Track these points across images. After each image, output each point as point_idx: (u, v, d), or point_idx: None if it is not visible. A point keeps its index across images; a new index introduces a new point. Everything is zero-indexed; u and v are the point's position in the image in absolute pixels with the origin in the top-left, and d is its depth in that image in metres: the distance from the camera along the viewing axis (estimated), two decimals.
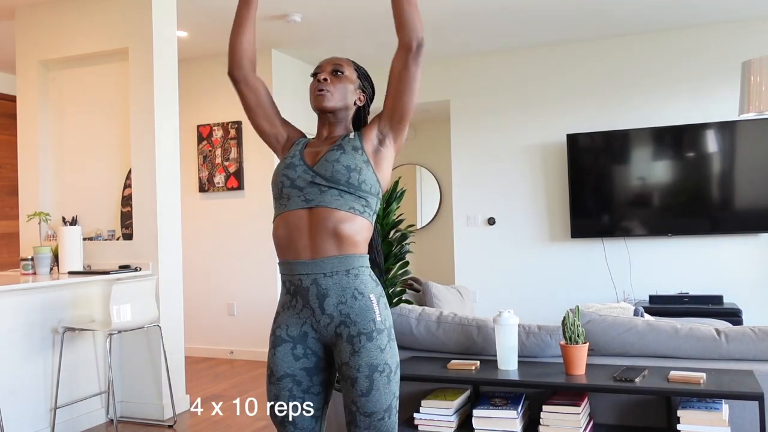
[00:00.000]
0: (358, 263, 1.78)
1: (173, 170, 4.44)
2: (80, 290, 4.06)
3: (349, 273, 1.76)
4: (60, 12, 4.61)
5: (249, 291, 6.05)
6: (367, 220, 1.81)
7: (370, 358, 1.72)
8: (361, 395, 1.72)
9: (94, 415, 4.14)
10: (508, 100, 6.33)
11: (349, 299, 1.75)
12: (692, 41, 5.72)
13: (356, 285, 1.76)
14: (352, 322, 1.75)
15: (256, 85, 1.93)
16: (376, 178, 1.82)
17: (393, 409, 1.76)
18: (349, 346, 1.74)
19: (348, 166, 1.77)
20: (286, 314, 1.82)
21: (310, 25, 5.32)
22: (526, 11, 5.17)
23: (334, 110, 1.88)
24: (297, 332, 1.80)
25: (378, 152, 1.85)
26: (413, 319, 2.94)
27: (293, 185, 1.80)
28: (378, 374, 1.72)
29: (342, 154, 1.79)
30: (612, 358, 2.67)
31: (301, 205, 1.78)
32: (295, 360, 1.80)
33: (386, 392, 1.74)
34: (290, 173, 1.82)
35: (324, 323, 1.77)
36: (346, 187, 1.76)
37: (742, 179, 5.44)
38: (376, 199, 1.84)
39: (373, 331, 1.74)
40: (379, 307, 1.77)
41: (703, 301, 5.36)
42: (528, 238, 6.24)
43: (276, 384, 1.81)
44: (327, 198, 1.76)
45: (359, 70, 1.96)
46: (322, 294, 1.75)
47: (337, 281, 1.75)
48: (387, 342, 1.76)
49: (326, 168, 1.78)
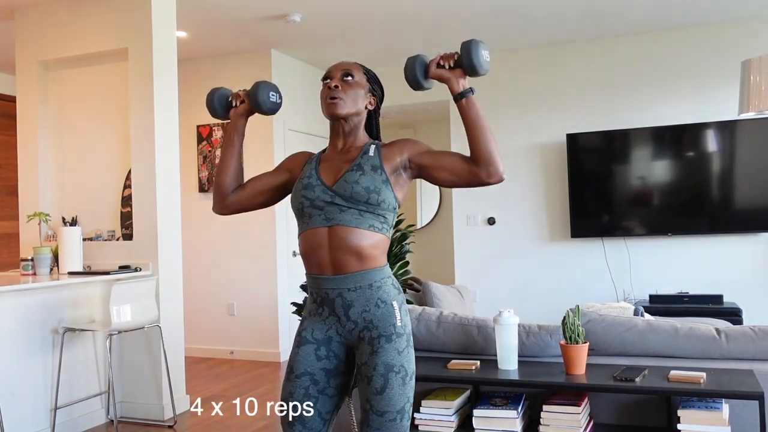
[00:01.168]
0: (380, 276, 1.83)
1: (173, 170, 4.44)
2: (80, 290, 4.06)
3: (372, 287, 1.82)
4: (60, 12, 4.61)
5: (249, 291, 6.05)
6: (386, 235, 1.86)
7: (387, 358, 1.78)
8: (375, 393, 1.76)
9: (94, 415, 4.14)
10: (508, 100, 6.33)
11: (373, 308, 1.82)
12: (692, 41, 5.72)
13: (379, 295, 1.82)
14: (374, 326, 1.81)
15: (251, 194, 2.00)
16: (394, 195, 1.85)
17: (406, 412, 1.79)
18: (369, 347, 1.80)
19: (367, 187, 1.80)
20: (313, 320, 1.89)
21: (310, 25, 5.32)
22: (526, 11, 5.17)
23: (347, 116, 1.90)
24: (322, 336, 1.87)
25: (398, 175, 1.88)
26: (413, 319, 2.94)
27: (313, 205, 1.84)
28: (393, 374, 1.77)
29: (362, 176, 1.82)
30: (612, 358, 2.67)
31: (323, 223, 1.82)
32: (317, 360, 1.85)
33: (400, 393, 1.77)
34: (309, 194, 1.85)
35: (349, 328, 1.84)
36: (365, 207, 1.80)
37: (742, 179, 5.44)
38: (393, 214, 1.88)
39: (392, 334, 1.81)
40: (400, 313, 1.84)
41: (703, 301, 5.36)
42: (528, 238, 6.24)
43: (294, 381, 1.86)
44: (347, 217, 1.80)
45: (368, 73, 1.97)
46: (347, 305, 1.82)
47: (361, 294, 1.81)
48: (405, 346, 1.82)
49: (345, 189, 1.81)
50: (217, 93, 2.05)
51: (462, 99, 1.81)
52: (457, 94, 1.81)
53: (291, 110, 6.25)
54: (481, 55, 1.80)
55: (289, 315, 6.10)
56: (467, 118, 1.81)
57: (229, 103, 2.05)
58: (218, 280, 6.18)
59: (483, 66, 1.81)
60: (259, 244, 6.00)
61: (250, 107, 2.00)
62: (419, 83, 1.87)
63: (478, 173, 1.80)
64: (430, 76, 1.85)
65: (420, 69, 1.86)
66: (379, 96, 1.99)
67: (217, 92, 2.05)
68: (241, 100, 2.02)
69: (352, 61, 4.43)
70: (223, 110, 2.06)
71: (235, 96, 2.03)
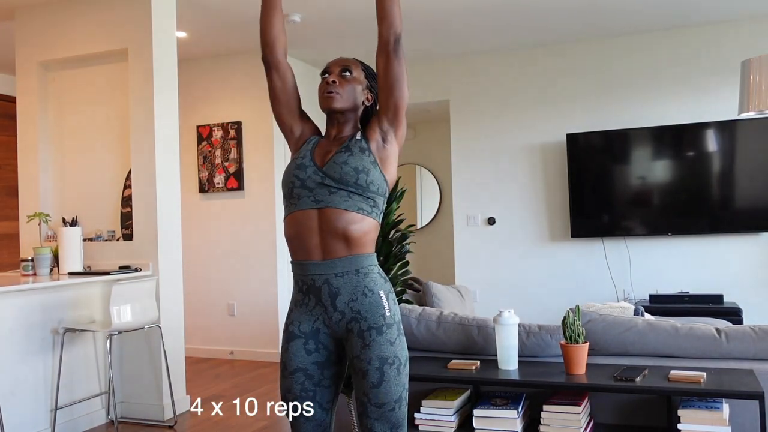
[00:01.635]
0: (367, 263, 1.84)
1: (173, 170, 4.44)
2: (80, 291, 4.06)
3: (359, 272, 1.82)
4: (60, 12, 4.61)
5: (249, 291, 6.05)
6: (375, 220, 1.86)
7: (380, 351, 1.79)
8: (372, 387, 1.78)
9: (95, 415, 4.14)
10: (508, 100, 6.33)
11: (360, 296, 1.81)
12: (692, 41, 5.72)
13: (366, 283, 1.82)
14: (363, 317, 1.81)
15: (285, 72, 1.96)
16: (383, 177, 1.86)
17: (403, 400, 1.82)
18: (360, 340, 1.80)
19: (356, 167, 1.81)
20: (299, 311, 1.88)
21: (310, 25, 5.32)
22: (526, 11, 5.17)
23: (342, 111, 1.91)
24: (309, 328, 1.86)
25: (383, 150, 1.89)
26: (413, 319, 2.94)
27: (303, 186, 1.84)
28: (388, 366, 1.78)
29: (350, 156, 1.83)
30: (612, 358, 2.67)
31: (311, 205, 1.83)
32: (307, 354, 1.86)
33: (396, 384, 1.79)
34: (301, 174, 1.86)
35: (336, 319, 1.83)
36: (354, 188, 1.81)
37: (742, 178, 5.44)
38: (383, 198, 1.88)
39: (383, 325, 1.81)
40: (388, 302, 1.84)
41: (703, 301, 5.36)
42: (528, 238, 6.24)
43: (288, 378, 1.87)
44: (336, 199, 1.80)
45: (367, 70, 1.98)
46: (333, 293, 1.81)
47: (348, 281, 1.81)
48: (396, 336, 1.83)
49: (335, 170, 1.82)
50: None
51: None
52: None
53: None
54: None
55: None
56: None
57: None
58: (218, 280, 6.18)
59: None
60: (259, 244, 6.00)
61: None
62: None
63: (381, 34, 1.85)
64: None
65: None
66: (376, 93, 1.99)
67: None
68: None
69: (351, 57, 4.43)
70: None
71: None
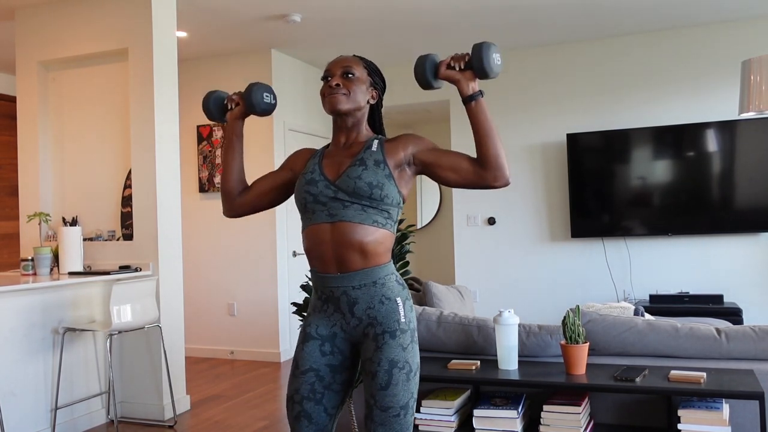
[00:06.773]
0: (384, 273, 1.84)
1: (173, 170, 4.44)
2: (80, 291, 4.06)
3: (376, 284, 1.82)
4: (60, 12, 4.61)
5: (249, 291, 6.05)
6: (390, 230, 1.85)
7: (391, 354, 1.78)
8: (379, 389, 1.76)
9: (95, 415, 4.14)
10: (508, 100, 6.33)
11: (377, 304, 1.82)
12: (692, 41, 5.72)
13: (383, 292, 1.83)
14: (378, 322, 1.81)
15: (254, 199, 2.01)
16: (397, 190, 1.84)
17: (410, 408, 1.79)
18: (373, 343, 1.80)
19: (370, 182, 1.79)
20: (317, 316, 1.89)
21: (310, 25, 5.32)
22: (526, 11, 5.17)
23: (348, 112, 1.88)
24: (327, 332, 1.87)
25: (401, 170, 1.87)
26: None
27: (316, 201, 1.84)
28: (398, 370, 1.77)
29: (364, 170, 1.81)
30: (612, 358, 2.67)
31: (325, 219, 1.82)
32: (321, 356, 1.86)
33: (404, 389, 1.77)
34: (312, 189, 1.84)
35: (353, 324, 1.84)
36: (368, 202, 1.80)
37: (742, 179, 5.44)
38: (398, 209, 1.87)
39: (396, 330, 1.80)
40: (404, 309, 1.83)
41: (704, 301, 5.36)
42: (528, 238, 6.24)
43: (299, 377, 1.86)
44: (350, 213, 1.80)
45: (369, 66, 1.95)
46: (352, 302, 1.83)
47: (365, 291, 1.82)
48: (410, 342, 1.82)
49: (348, 184, 1.80)
50: (212, 96, 2.05)
51: (471, 102, 1.79)
52: (466, 97, 1.80)
53: (291, 110, 6.25)
54: (492, 58, 1.78)
55: (289, 315, 6.10)
56: (476, 121, 1.79)
57: (225, 107, 2.05)
58: (218, 280, 6.18)
59: (494, 69, 1.78)
60: (260, 244, 6.00)
61: (245, 109, 2.00)
62: (429, 83, 1.85)
63: (485, 176, 1.79)
64: (440, 76, 1.84)
65: (430, 69, 1.84)
66: (380, 88, 1.97)
67: (213, 96, 2.05)
68: (235, 102, 2.02)
69: (350, 55, 4.42)
70: (220, 113, 2.06)
71: (229, 99, 2.04)
